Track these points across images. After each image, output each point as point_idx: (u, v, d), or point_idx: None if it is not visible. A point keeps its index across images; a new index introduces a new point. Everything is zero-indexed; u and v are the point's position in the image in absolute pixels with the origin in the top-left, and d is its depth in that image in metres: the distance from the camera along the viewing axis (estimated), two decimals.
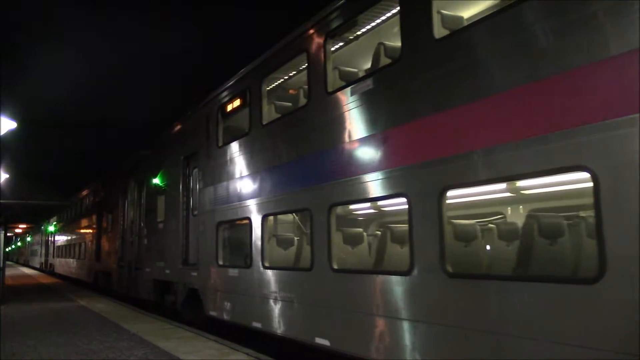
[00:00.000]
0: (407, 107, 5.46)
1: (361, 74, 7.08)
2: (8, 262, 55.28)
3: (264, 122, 8.31)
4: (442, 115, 5.00)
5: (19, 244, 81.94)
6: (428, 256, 5.01)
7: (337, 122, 6.52)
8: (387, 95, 5.79)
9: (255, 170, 8.49)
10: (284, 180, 7.64)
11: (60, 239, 32.22)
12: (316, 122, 6.95)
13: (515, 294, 4.22)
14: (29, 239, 60.40)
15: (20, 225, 65.59)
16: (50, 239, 36.88)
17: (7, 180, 29.06)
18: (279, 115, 8.29)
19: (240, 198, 8.85)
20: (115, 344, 8.36)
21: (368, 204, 7.62)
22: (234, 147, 9.32)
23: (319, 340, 6.59)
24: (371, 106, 5.98)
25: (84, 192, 25.71)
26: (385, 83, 5.85)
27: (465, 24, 5.33)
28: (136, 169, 15.72)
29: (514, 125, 4.26)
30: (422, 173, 5.16)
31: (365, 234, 7.37)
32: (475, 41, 4.72)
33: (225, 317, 9.21)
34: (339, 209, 6.96)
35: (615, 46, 3.61)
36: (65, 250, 29.69)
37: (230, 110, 9.55)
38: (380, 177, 5.71)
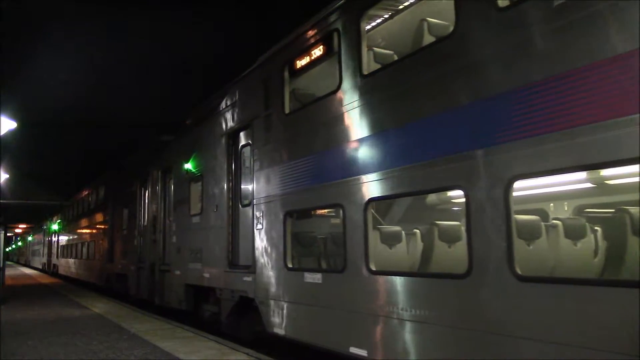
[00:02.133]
0: None
1: None
2: (8, 262, 52.75)
3: (365, 72, 5.88)
4: None
5: (19, 243, 78.77)
6: None
7: (523, 50, 4.12)
8: None
9: (350, 137, 5.99)
10: (407, 149, 5.21)
11: (66, 237, 29.23)
12: (480, 55, 4.53)
13: None
14: (30, 238, 57.33)
15: (20, 225, 62.82)
16: (53, 238, 33.91)
17: (7, 180, 26.80)
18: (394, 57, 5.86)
19: (326, 178, 6.33)
20: (115, 344, 8.07)
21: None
22: (312, 111, 6.85)
23: None
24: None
25: (93, 187, 23.04)
26: None
27: None
28: (159, 155, 13.17)
29: None
30: None
31: (542, 223, 4.94)
32: None
33: (303, 337, 6.72)
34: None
35: None
36: (72, 250, 26.67)
37: (305, 65, 7.01)
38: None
